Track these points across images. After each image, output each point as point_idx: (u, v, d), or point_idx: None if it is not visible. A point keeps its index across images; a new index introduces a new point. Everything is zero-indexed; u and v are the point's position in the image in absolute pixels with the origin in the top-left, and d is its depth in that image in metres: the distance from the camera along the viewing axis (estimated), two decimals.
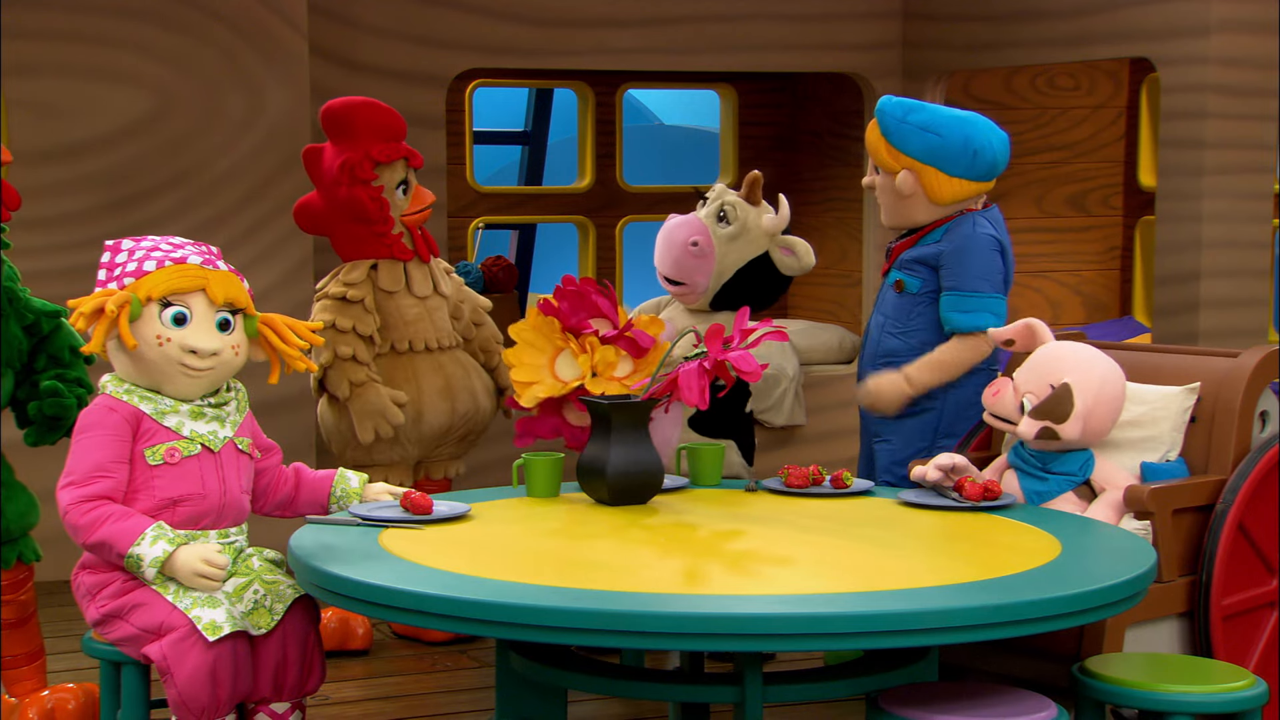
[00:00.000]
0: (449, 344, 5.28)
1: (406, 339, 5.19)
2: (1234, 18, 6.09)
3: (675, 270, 5.00)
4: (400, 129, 5.15)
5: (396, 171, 5.15)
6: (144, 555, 3.41)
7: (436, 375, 5.21)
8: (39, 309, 4.16)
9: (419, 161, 5.20)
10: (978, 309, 4.55)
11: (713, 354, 4.31)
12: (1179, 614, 4.01)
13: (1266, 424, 4.22)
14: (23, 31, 5.83)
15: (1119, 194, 7.92)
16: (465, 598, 3.05)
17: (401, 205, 5.18)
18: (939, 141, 4.58)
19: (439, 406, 5.20)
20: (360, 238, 5.17)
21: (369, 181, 5.09)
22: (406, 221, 5.18)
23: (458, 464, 5.39)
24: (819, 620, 2.96)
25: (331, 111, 5.14)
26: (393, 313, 5.18)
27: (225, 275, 3.58)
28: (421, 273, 5.23)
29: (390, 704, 4.70)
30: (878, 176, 4.73)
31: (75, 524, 3.43)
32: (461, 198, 7.73)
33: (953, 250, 4.59)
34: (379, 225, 5.14)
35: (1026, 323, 4.26)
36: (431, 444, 5.25)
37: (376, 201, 5.11)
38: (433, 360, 5.23)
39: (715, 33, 7.07)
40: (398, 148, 5.13)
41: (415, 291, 5.20)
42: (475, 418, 5.30)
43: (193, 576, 3.43)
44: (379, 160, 5.09)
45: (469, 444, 5.37)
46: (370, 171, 5.08)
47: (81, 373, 4.20)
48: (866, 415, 4.79)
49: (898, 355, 4.67)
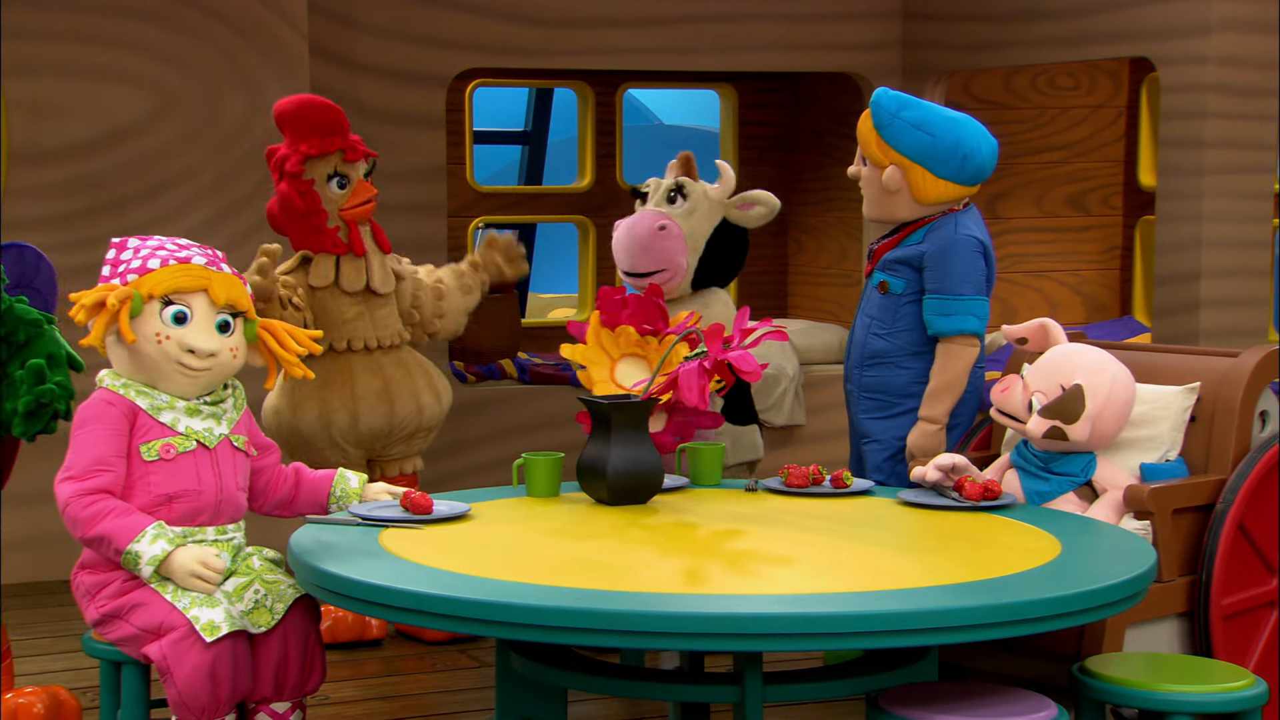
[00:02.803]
0: (390, 343, 5.27)
1: (345, 338, 5.19)
2: (1234, 18, 6.09)
3: (653, 260, 5.01)
4: (332, 122, 5.13)
5: (328, 164, 5.14)
6: (142, 553, 3.41)
7: (374, 377, 5.21)
8: (19, 316, 4.10)
9: (355, 155, 5.15)
10: (960, 312, 4.54)
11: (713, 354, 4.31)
12: (1179, 614, 4.01)
13: (1266, 424, 4.22)
14: (23, 31, 5.83)
15: (1119, 194, 7.92)
16: (465, 598, 3.06)
17: (337, 199, 5.16)
18: (930, 141, 4.56)
19: (376, 409, 5.19)
20: (298, 232, 5.19)
21: (297, 175, 5.10)
22: (344, 216, 5.18)
23: (414, 460, 5.39)
24: (819, 620, 2.96)
25: (275, 111, 5.17)
26: (330, 311, 5.19)
27: (228, 277, 3.59)
28: (354, 268, 5.20)
29: (390, 704, 4.70)
30: (864, 168, 4.72)
31: (75, 517, 3.43)
32: (461, 198, 7.73)
33: (935, 252, 4.58)
34: (311, 219, 5.15)
35: (1041, 322, 4.26)
36: (372, 445, 5.24)
37: (305, 195, 5.11)
38: (371, 361, 5.23)
39: (715, 33, 7.07)
40: (327, 141, 5.12)
41: (345, 287, 5.18)
42: (419, 419, 5.28)
43: (188, 577, 3.43)
44: (308, 154, 5.10)
45: (420, 441, 5.36)
46: (297, 165, 5.09)
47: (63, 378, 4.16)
48: (854, 418, 4.79)
49: (884, 356, 4.67)
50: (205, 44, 6.05)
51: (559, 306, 9.45)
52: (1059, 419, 4.00)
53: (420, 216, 6.61)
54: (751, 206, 5.13)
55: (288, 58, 6.13)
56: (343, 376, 5.17)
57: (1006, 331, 4.34)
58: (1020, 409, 4.08)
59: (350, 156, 5.16)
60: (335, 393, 5.15)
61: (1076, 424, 4.00)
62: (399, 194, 6.40)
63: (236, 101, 6.10)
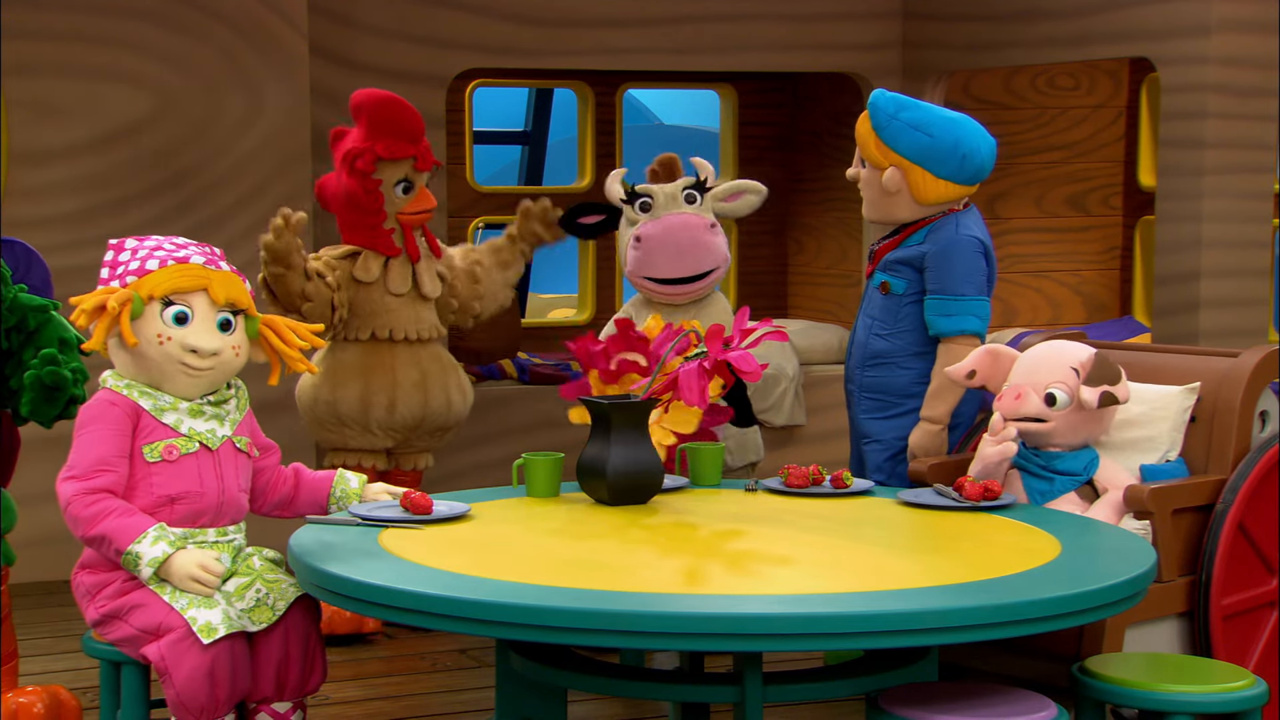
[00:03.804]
0: (428, 337, 5.35)
1: (387, 327, 5.27)
2: (1234, 18, 6.09)
3: (713, 257, 5.03)
4: (413, 129, 5.18)
5: (399, 169, 5.18)
6: (143, 554, 3.41)
7: (413, 368, 5.29)
8: (25, 305, 4.11)
9: (426, 165, 5.22)
10: (961, 312, 4.54)
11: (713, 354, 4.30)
12: (1179, 614, 4.01)
13: (1266, 424, 4.22)
14: (23, 31, 5.83)
15: (1119, 194, 7.92)
16: (465, 598, 3.05)
17: (399, 203, 5.21)
18: (929, 142, 4.56)
19: (413, 398, 5.28)
20: (353, 224, 5.26)
21: (367, 174, 5.14)
22: (401, 220, 5.22)
23: (427, 457, 5.48)
24: (819, 620, 2.96)
25: (355, 99, 5.21)
26: (372, 300, 5.26)
27: (227, 275, 3.59)
28: (403, 271, 5.28)
29: (390, 704, 4.70)
30: (864, 170, 4.72)
31: (77, 516, 3.43)
32: (461, 198, 7.73)
33: (937, 252, 4.58)
34: (370, 217, 5.20)
35: (986, 349, 4.22)
36: (402, 434, 5.33)
37: (371, 195, 5.17)
38: (411, 353, 5.30)
39: (715, 33, 7.07)
40: (404, 147, 5.16)
41: (391, 288, 5.26)
42: (447, 414, 5.37)
43: (187, 580, 3.43)
44: (381, 156, 5.12)
45: (440, 438, 5.44)
46: (370, 164, 5.13)
47: (76, 363, 4.17)
48: (855, 418, 4.79)
49: (886, 356, 4.67)
50: (205, 44, 6.05)
51: (559, 306, 9.44)
52: (1105, 383, 4.00)
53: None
54: (740, 196, 5.15)
55: (288, 58, 6.13)
56: (385, 364, 5.27)
57: (950, 373, 4.28)
58: (1040, 409, 4.05)
59: (421, 165, 5.20)
60: (378, 378, 5.26)
61: (1120, 384, 4.02)
62: None
63: (236, 101, 6.10)
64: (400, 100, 5.19)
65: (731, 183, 5.17)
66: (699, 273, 5.02)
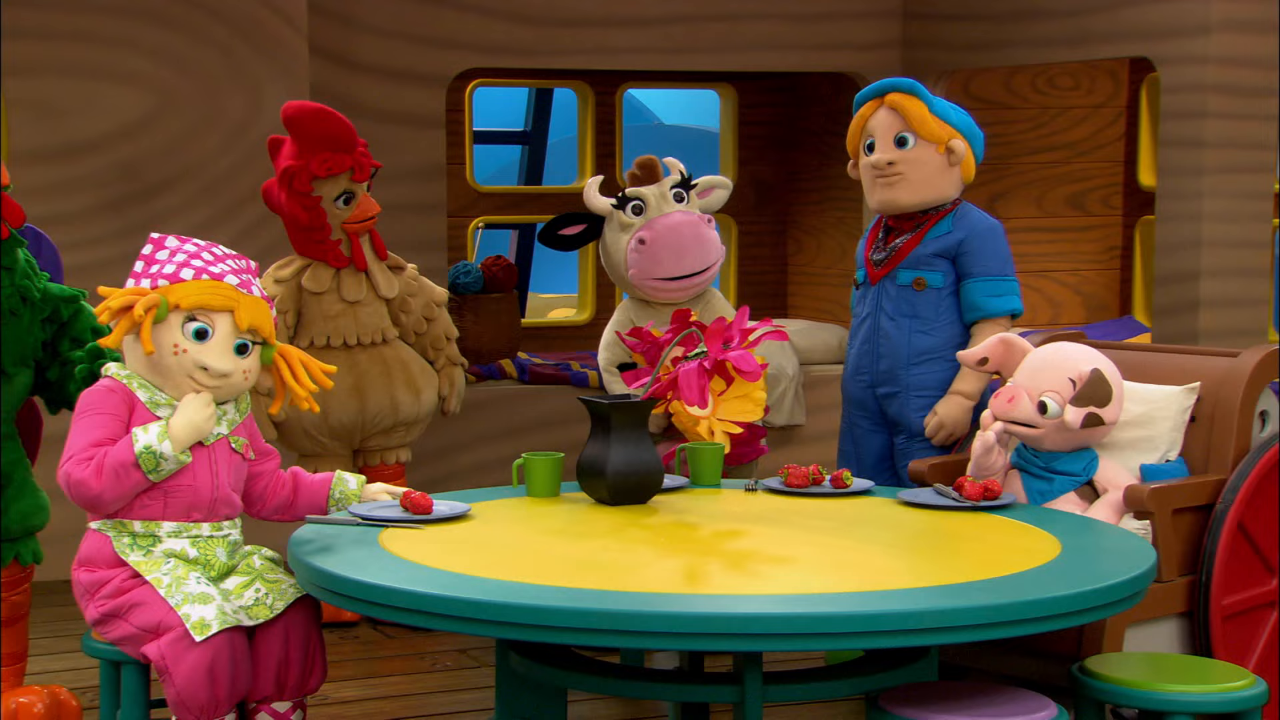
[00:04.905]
0: (371, 341, 5.36)
1: (325, 334, 5.31)
2: (1234, 18, 6.09)
3: (710, 253, 5.05)
4: (346, 139, 5.18)
5: (338, 184, 5.21)
6: (149, 443, 3.43)
7: (346, 374, 5.29)
8: (56, 296, 4.12)
9: (364, 174, 5.23)
10: (1008, 293, 4.64)
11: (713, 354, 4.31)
12: (1179, 614, 4.01)
13: (1266, 424, 4.22)
14: (23, 31, 5.83)
15: (1119, 194, 7.92)
16: (465, 598, 3.06)
17: (342, 215, 5.26)
18: (965, 120, 4.64)
19: (346, 404, 5.30)
20: (300, 240, 5.31)
21: (306, 194, 5.17)
22: (346, 229, 5.25)
23: (398, 452, 5.50)
24: (819, 620, 2.96)
25: (285, 113, 5.19)
26: (314, 309, 5.30)
27: (255, 302, 3.57)
28: (355, 279, 5.32)
29: (390, 704, 4.70)
30: (898, 152, 4.67)
31: (80, 479, 3.42)
32: (461, 197, 7.73)
33: (973, 236, 4.62)
34: (315, 233, 5.25)
35: (1000, 338, 4.19)
36: (347, 438, 5.37)
37: (311, 212, 5.22)
38: (347, 357, 5.32)
39: (715, 33, 7.07)
40: (340, 160, 5.17)
41: (345, 296, 5.31)
42: (394, 414, 5.39)
43: (198, 410, 3.47)
44: (317, 174, 5.15)
45: (401, 435, 5.47)
46: (306, 184, 5.17)
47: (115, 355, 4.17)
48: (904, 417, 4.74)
49: (933, 352, 4.68)
50: (205, 44, 6.05)
51: (559, 307, 9.45)
52: (1093, 404, 3.99)
53: (420, 216, 6.61)
54: (711, 191, 5.18)
55: (287, 57, 6.13)
56: None
57: (963, 356, 4.29)
58: (1031, 415, 4.05)
59: (359, 176, 5.22)
60: None
61: (1109, 406, 4.00)
62: (399, 194, 6.40)
63: (236, 101, 6.10)
64: (329, 111, 5.18)
65: (703, 179, 5.20)
66: (703, 267, 5.04)
